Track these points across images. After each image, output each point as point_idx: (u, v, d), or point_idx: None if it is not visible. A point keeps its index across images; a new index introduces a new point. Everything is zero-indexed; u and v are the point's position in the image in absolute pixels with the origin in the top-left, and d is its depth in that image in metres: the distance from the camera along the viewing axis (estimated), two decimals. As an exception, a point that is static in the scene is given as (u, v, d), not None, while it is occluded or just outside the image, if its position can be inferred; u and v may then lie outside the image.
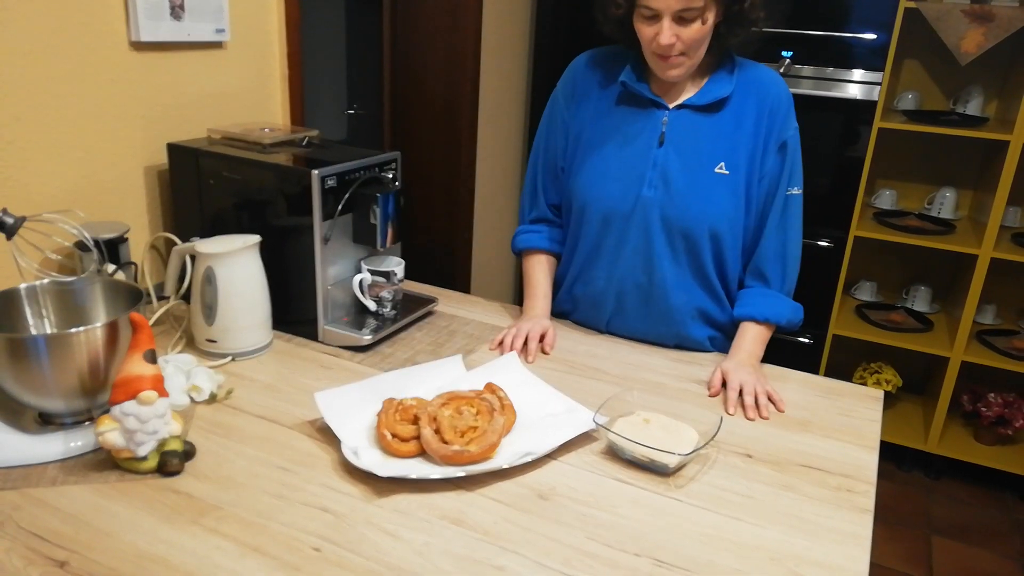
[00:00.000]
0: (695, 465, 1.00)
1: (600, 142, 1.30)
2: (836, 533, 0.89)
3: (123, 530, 0.82)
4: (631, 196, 1.26)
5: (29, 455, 0.93)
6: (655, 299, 1.31)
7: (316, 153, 1.32)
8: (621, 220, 1.28)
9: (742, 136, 1.23)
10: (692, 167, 1.24)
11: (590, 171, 1.30)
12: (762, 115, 1.23)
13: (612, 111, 1.30)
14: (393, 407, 1.00)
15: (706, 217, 1.24)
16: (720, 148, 1.24)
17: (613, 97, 1.30)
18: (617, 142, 1.28)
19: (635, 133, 1.27)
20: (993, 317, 2.65)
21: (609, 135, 1.29)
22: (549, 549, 0.83)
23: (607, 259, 1.32)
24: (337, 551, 0.81)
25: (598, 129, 1.30)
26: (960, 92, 2.53)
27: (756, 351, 1.26)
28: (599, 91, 1.31)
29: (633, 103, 1.28)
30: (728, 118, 1.24)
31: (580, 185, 1.31)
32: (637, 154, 1.26)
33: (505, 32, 2.74)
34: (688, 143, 1.24)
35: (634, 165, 1.26)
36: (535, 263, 1.43)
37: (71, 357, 0.92)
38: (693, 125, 1.25)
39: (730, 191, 1.24)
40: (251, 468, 0.94)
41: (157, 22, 1.35)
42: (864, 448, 1.07)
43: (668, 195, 1.24)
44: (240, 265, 1.18)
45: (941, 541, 2.30)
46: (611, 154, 1.28)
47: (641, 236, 1.27)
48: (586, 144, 1.31)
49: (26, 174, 1.22)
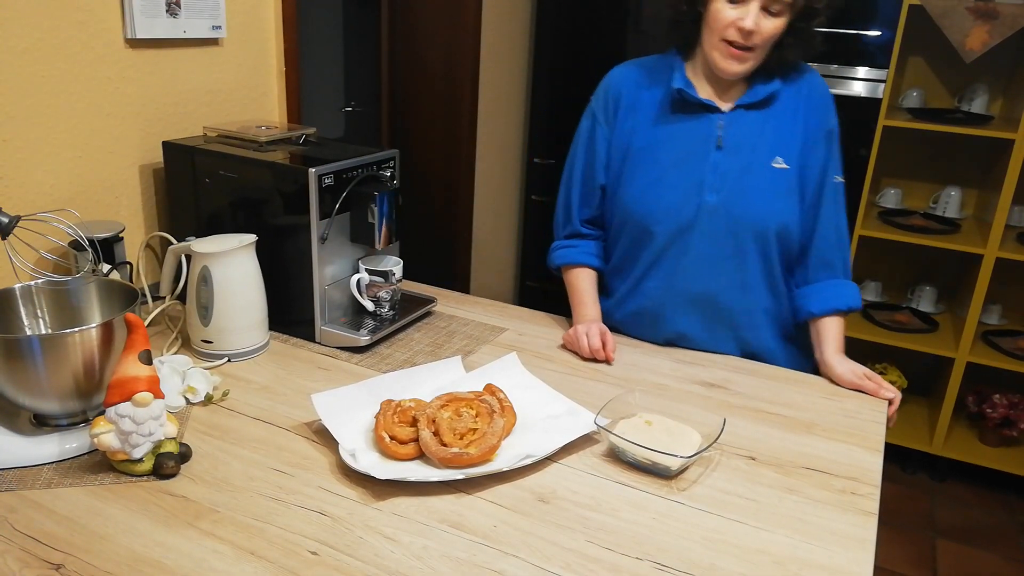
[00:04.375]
0: (698, 468, 0.99)
1: (652, 152, 1.27)
2: (840, 536, 0.87)
3: (119, 533, 0.82)
4: (692, 204, 1.24)
5: (24, 457, 0.93)
6: (721, 307, 1.28)
7: (313, 151, 1.31)
8: (683, 229, 1.25)
9: (794, 129, 1.25)
10: (752, 167, 1.23)
11: (644, 182, 1.27)
12: (809, 106, 1.25)
13: (663, 120, 1.28)
14: (391, 409, 0.99)
15: (773, 214, 1.23)
16: (775, 144, 1.24)
17: (662, 106, 1.28)
18: (671, 151, 1.26)
19: (690, 140, 1.25)
20: (998, 317, 2.63)
21: (661, 144, 1.27)
22: (549, 553, 0.82)
23: (667, 270, 1.28)
24: (335, 555, 0.80)
25: (649, 139, 1.28)
26: (965, 90, 2.52)
27: (843, 342, 1.27)
28: (644, 102, 1.29)
29: (685, 110, 1.26)
30: (779, 113, 1.25)
31: (633, 197, 1.28)
32: (694, 161, 1.24)
33: (505, 30, 2.73)
34: (745, 143, 1.24)
35: (692, 172, 1.24)
36: (576, 275, 1.40)
37: (66, 358, 0.91)
38: (748, 125, 1.24)
39: (790, 185, 1.24)
40: (247, 471, 0.93)
41: (153, 19, 1.34)
42: (868, 450, 1.05)
43: (732, 198, 1.23)
44: (236, 265, 1.17)
45: (946, 544, 2.28)
46: (666, 163, 1.26)
47: (706, 243, 1.25)
48: (636, 156, 1.29)
49: (20, 173, 1.21)
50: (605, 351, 1.25)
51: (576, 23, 2.79)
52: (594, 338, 1.26)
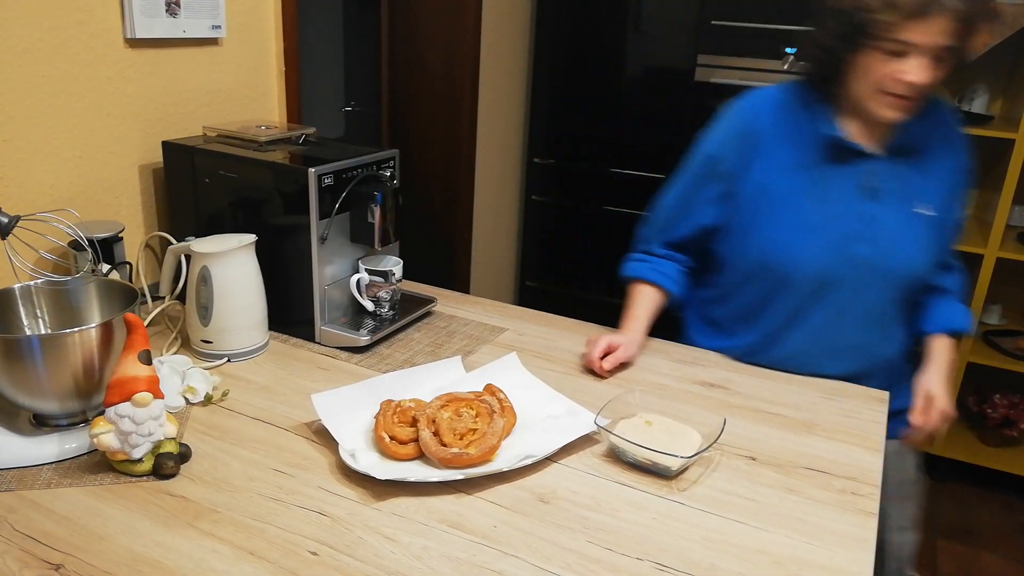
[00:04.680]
0: (698, 468, 0.99)
1: (793, 197, 1.18)
2: (840, 536, 0.87)
3: (118, 533, 0.81)
4: (841, 256, 1.16)
5: (23, 457, 0.93)
6: (868, 358, 1.23)
7: (313, 151, 1.31)
8: (828, 281, 1.17)
9: (939, 173, 1.18)
10: (903, 217, 1.17)
11: (784, 230, 1.18)
12: (949, 145, 1.19)
13: (805, 163, 1.18)
14: (391, 409, 0.99)
15: (923, 264, 1.18)
16: (923, 189, 1.18)
17: (803, 147, 1.18)
18: (815, 197, 1.17)
19: (836, 186, 1.17)
20: (999, 317, 2.63)
21: (804, 190, 1.17)
22: (549, 553, 0.82)
23: (812, 323, 1.21)
24: (334, 555, 0.80)
25: (790, 184, 1.18)
26: (965, 90, 2.51)
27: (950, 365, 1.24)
28: (783, 141, 1.19)
29: (831, 154, 1.17)
30: (924, 156, 1.18)
31: (772, 244, 1.19)
32: (842, 209, 1.16)
33: (505, 30, 2.73)
34: (895, 191, 1.17)
35: (840, 222, 1.16)
36: (638, 291, 1.32)
37: (66, 358, 0.91)
38: (896, 170, 1.17)
39: (935, 232, 1.19)
40: (247, 471, 0.93)
41: (152, 19, 1.34)
42: (868, 450, 1.05)
43: (885, 252, 1.16)
44: (236, 265, 1.17)
45: (946, 544, 2.28)
46: (808, 210, 1.17)
47: (854, 296, 1.18)
48: (774, 200, 1.19)
49: (20, 173, 1.21)
50: (600, 363, 1.20)
51: (576, 23, 2.79)
52: (596, 349, 1.21)
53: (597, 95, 2.82)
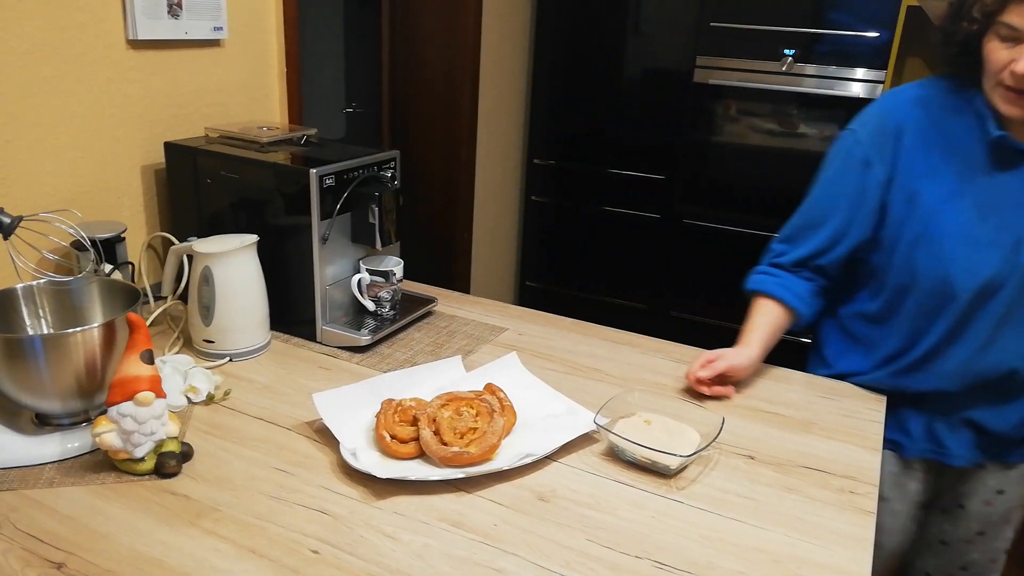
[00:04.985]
0: (697, 467, 0.99)
1: (956, 203, 1.09)
2: (839, 535, 0.88)
3: (120, 532, 0.82)
4: (1007, 265, 1.07)
5: (26, 456, 0.93)
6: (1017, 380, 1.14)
7: (314, 152, 1.32)
8: (1000, 296, 1.09)
9: None
10: None
11: (949, 239, 1.09)
12: None
13: (968, 166, 1.09)
14: (392, 408, 1.00)
15: None
16: None
17: (963, 149, 1.10)
18: (981, 202, 1.09)
19: (1005, 190, 1.08)
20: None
21: (967, 195, 1.09)
22: (549, 551, 0.82)
23: (971, 342, 1.12)
24: (336, 553, 0.80)
25: (951, 189, 1.10)
26: None
27: None
28: (940, 143, 1.11)
29: (996, 156, 1.08)
30: None
31: (935, 256, 1.10)
32: (1012, 215, 1.07)
33: (505, 30, 2.73)
34: None
35: (1010, 229, 1.07)
36: (760, 305, 1.23)
37: (68, 358, 0.91)
38: None
39: None
40: (249, 470, 0.94)
41: (154, 20, 1.34)
42: (867, 449, 1.06)
43: None
44: (238, 265, 1.17)
45: None
46: (974, 217, 1.08)
47: (1006, 307, 1.09)
48: (933, 208, 1.10)
49: (22, 173, 1.21)
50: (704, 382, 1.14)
51: (576, 23, 2.80)
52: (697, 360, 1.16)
53: (597, 96, 2.82)
